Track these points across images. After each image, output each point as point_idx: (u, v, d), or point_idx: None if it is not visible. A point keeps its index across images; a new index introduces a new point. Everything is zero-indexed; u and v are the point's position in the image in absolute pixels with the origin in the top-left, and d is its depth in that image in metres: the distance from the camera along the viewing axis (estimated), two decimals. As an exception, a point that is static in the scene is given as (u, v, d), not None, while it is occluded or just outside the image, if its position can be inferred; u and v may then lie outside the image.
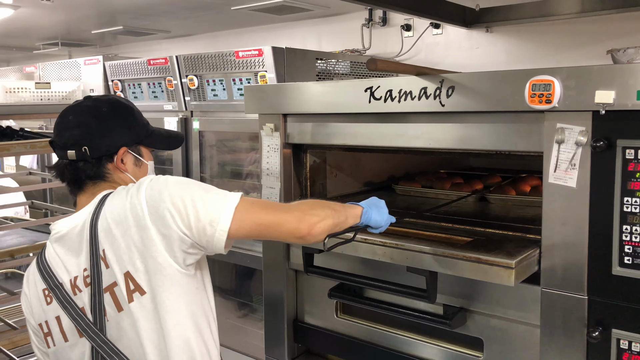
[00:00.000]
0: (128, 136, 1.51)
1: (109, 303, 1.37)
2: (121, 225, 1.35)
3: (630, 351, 1.45)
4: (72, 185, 1.49)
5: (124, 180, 1.50)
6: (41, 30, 5.43)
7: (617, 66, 1.39)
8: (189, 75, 3.64)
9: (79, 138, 1.44)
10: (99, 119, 1.47)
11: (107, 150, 1.47)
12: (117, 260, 1.36)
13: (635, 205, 1.41)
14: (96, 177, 1.48)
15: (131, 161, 1.53)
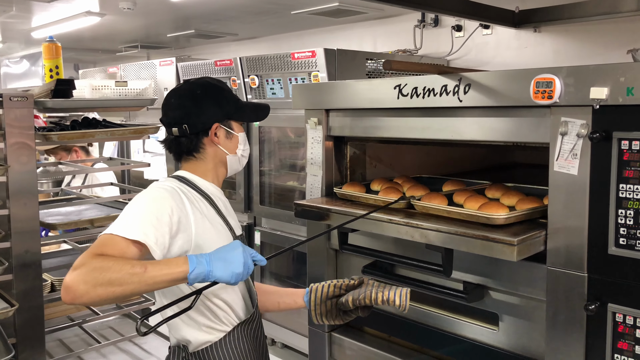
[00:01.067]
0: (219, 113, 1.75)
1: None
2: None
3: (625, 324, 1.59)
4: (176, 157, 1.80)
5: (215, 154, 1.77)
6: (123, 34, 5.97)
7: (610, 65, 1.53)
8: (250, 75, 3.97)
9: (180, 118, 1.72)
10: (194, 100, 1.73)
11: (203, 126, 1.73)
12: None
13: (629, 191, 1.56)
14: (193, 150, 1.75)
15: (223, 134, 1.76)
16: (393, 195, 2.11)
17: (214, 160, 1.78)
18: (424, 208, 1.96)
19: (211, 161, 1.77)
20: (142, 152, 5.05)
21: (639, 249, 1.54)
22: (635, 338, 1.58)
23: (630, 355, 1.58)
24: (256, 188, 4.15)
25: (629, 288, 1.58)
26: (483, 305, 1.98)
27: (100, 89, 2.10)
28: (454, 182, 2.30)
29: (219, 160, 1.79)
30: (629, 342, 1.59)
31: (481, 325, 2.01)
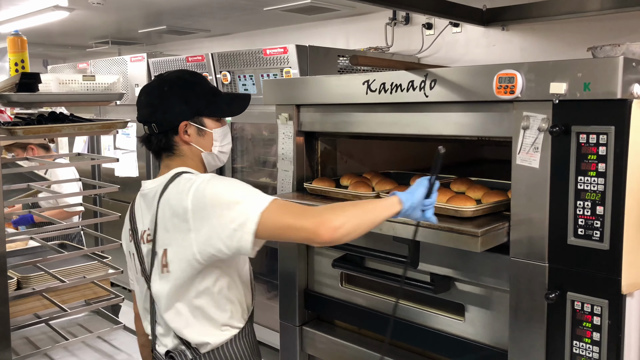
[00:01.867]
0: (187, 110, 1.66)
1: (156, 265, 1.63)
2: (171, 211, 1.56)
3: (583, 311, 1.65)
4: (154, 154, 1.74)
5: (191, 151, 1.69)
6: (93, 30, 5.88)
7: (568, 61, 1.58)
8: (222, 71, 3.96)
9: (147, 116, 1.67)
10: (160, 97, 1.66)
11: (170, 124, 1.65)
12: (162, 237, 1.60)
13: (587, 184, 1.61)
14: (167, 149, 1.68)
15: (194, 132, 1.67)
16: (362, 189, 2.14)
17: (193, 156, 1.71)
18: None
19: (191, 157, 1.71)
20: (113, 148, 4.99)
21: (595, 239, 1.60)
22: (593, 325, 1.64)
23: (588, 342, 1.64)
24: (229, 184, 4.14)
25: (587, 277, 1.64)
26: (449, 296, 2.02)
27: (67, 83, 2.08)
28: (421, 176, 2.34)
29: (197, 157, 1.72)
30: (587, 329, 1.64)
31: (448, 316, 2.06)
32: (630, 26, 3.19)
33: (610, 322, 1.61)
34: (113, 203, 4.92)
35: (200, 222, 1.50)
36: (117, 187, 2.30)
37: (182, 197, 1.54)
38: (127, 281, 5.17)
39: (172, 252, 1.57)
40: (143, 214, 1.69)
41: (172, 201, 1.57)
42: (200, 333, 1.64)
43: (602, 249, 1.60)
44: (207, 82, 1.76)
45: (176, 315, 1.63)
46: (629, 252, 1.58)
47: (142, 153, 4.76)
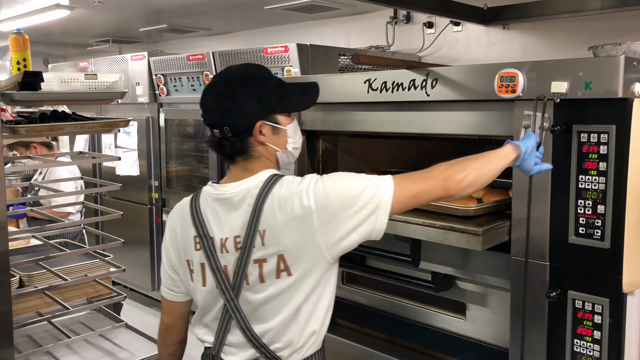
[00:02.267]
0: (261, 109, 1.54)
1: (252, 273, 1.50)
2: (286, 215, 1.45)
3: (584, 310, 1.66)
4: (226, 159, 1.59)
5: (267, 151, 1.57)
6: (94, 28, 5.89)
7: (569, 60, 1.59)
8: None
9: (219, 119, 1.53)
10: (232, 99, 1.52)
11: (245, 126, 1.52)
12: (275, 243, 1.47)
13: (588, 182, 1.62)
14: (243, 152, 1.54)
15: (269, 131, 1.55)
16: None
17: (269, 157, 1.59)
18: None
19: (268, 158, 1.59)
20: (114, 147, 5.00)
21: (596, 238, 1.61)
22: (594, 324, 1.64)
23: (589, 341, 1.65)
24: (229, 183, 4.15)
25: (588, 275, 1.64)
26: (451, 295, 2.03)
27: (69, 81, 2.08)
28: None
29: (273, 157, 1.60)
30: (588, 327, 1.65)
31: (449, 315, 2.06)
32: (632, 25, 3.20)
33: (611, 320, 1.61)
34: (114, 202, 4.93)
35: (327, 220, 1.43)
36: (118, 185, 2.30)
37: (300, 198, 1.44)
38: (130, 280, 5.13)
39: (293, 256, 1.47)
40: (222, 220, 1.55)
41: (287, 204, 1.46)
42: (292, 342, 1.53)
43: (603, 248, 1.60)
44: (273, 76, 1.63)
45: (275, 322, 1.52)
46: (629, 250, 1.59)
47: (142, 152, 4.77)
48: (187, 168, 4.66)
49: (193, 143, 4.59)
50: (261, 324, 1.52)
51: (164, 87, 4.56)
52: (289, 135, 1.60)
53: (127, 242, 2.43)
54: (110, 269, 2.47)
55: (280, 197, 1.47)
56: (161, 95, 4.61)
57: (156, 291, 4.88)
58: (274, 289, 1.49)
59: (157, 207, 4.80)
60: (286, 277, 1.48)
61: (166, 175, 4.71)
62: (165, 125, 4.65)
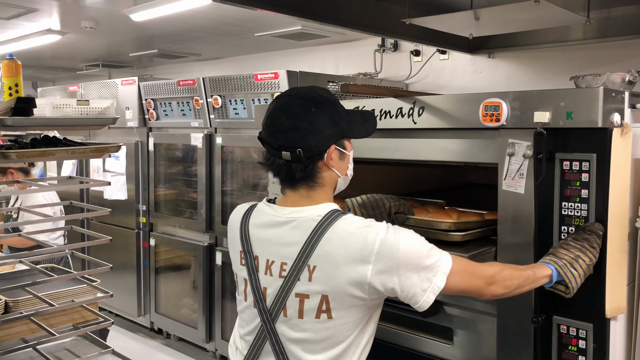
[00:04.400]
0: (335, 133, 1.51)
1: (292, 306, 1.47)
2: (343, 255, 1.41)
3: (568, 334, 1.68)
4: (286, 182, 1.54)
5: (330, 177, 1.53)
6: (84, 53, 5.92)
7: (551, 90, 1.64)
8: (213, 95, 4.00)
9: (294, 141, 1.47)
10: (310, 121, 1.48)
11: (319, 149, 1.49)
12: (323, 282, 1.43)
13: (570, 209, 1.66)
14: (308, 177, 1.50)
15: (337, 156, 1.53)
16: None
17: (331, 183, 1.56)
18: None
19: (330, 186, 1.55)
20: (103, 171, 4.99)
21: (580, 264, 1.63)
22: (579, 349, 1.67)
23: (575, 365, 1.67)
24: (218, 208, 4.15)
25: (572, 301, 1.66)
26: (438, 320, 2.04)
27: (61, 107, 2.10)
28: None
29: (333, 184, 1.57)
30: (573, 352, 1.67)
31: (436, 340, 2.07)
32: (612, 55, 3.29)
33: (595, 345, 1.64)
34: (101, 226, 4.90)
35: (381, 273, 1.40)
36: (107, 210, 2.31)
37: (364, 244, 1.41)
38: (116, 306, 5.10)
39: (337, 300, 1.44)
40: (271, 242, 1.53)
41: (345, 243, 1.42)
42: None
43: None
44: (338, 100, 1.62)
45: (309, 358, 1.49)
46: (612, 276, 1.62)
47: (131, 176, 4.76)
48: (175, 192, 4.66)
49: (182, 167, 4.60)
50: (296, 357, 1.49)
51: (153, 111, 4.58)
52: (349, 162, 1.60)
53: (114, 267, 2.42)
54: (98, 294, 2.45)
55: (341, 238, 1.43)
56: (151, 119, 4.63)
57: (142, 317, 4.83)
58: (312, 331, 1.46)
59: (144, 232, 4.78)
60: (326, 320, 1.45)
61: (154, 200, 4.70)
62: (154, 149, 4.66)
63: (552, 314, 1.70)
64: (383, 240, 1.40)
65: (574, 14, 2.50)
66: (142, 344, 4.54)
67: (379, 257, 1.39)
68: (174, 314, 4.57)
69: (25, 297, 2.27)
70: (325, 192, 1.53)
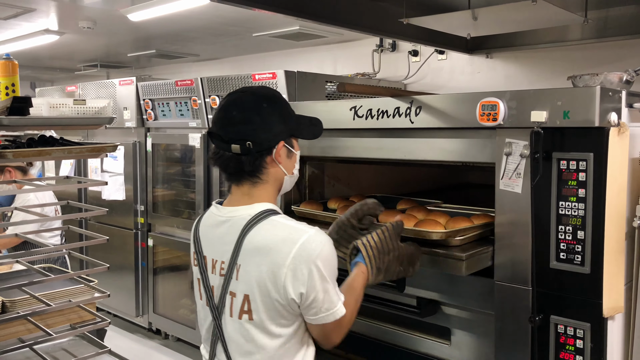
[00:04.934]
0: (285, 131, 1.57)
1: (228, 304, 1.53)
2: (261, 257, 1.45)
3: (566, 334, 1.68)
4: (233, 177, 1.58)
5: (276, 175, 1.58)
6: (82, 53, 5.91)
7: (548, 90, 1.64)
8: (211, 95, 4.00)
9: (244, 134, 1.51)
10: (261, 115, 1.53)
11: (269, 144, 1.54)
12: (245, 281, 1.48)
13: (568, 208, 1.66)
14: (256, 171, 1.55)
15: (285, 153, 1.58)
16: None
17: (275, 182, 1.60)
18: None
19: (273, 183, 1.60)
20: (100, 171, 4.98)
21: (577, 263, 1.64)
22: (576, 348, 1.67)
23: (572, 365, 1.67)
24: (216, 208, 4.14)
25: (569, 300, 1.67)
26: (436, 320, 2.04)
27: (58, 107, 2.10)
28: (407, 201, 2.38)
29: (278, 182, 1.61)
30: (570, 352, 1.67)
31: (434, 340, 2.07)
32: (609, 55, 3.29)
33: (593, 345, 1.63)
34: (99, 226, 4.89)
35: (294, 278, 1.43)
36: (105, 210, 2.30)
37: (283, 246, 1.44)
38: (113, 306, 5.07)
39: (258, 301, 1.47)
40: (215, 241, 1.57)
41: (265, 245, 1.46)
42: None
43: (584, 273, 1.63)
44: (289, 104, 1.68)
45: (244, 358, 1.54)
46: (609, 275, 1.62)
47: (129, 176, 4.76)
48: (173, 193, 4.65)
49: (180, 167, 4.59)
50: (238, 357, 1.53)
51: (151, 111, 4.58)
52: (296, 161, 1.65)
53: (111, 267, 2.41)
54: (95, 294, 2.45)
55: (264, 238, 1.47)
56: (149, 120, 4.62)
57: (140, 317, 4.82)
58: (239, 331, 1.51)
59: (142, 232, 4.77)
60: (247, 321, 1.49)
61: (152, 200, 4.70)
62: (152, 149, 4.65)
63: (550, 313, 1.70)
64: (302, 244, 1.43)
65: (572, 14, 2.50)
66: (140, 344, 4.53)
67: (295, 260, 1.42)
68: (172, 315, 4.56)
69: (22, 297, 2.27)
70: (267, 191, 1.58)
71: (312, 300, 1.44)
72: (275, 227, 1.48)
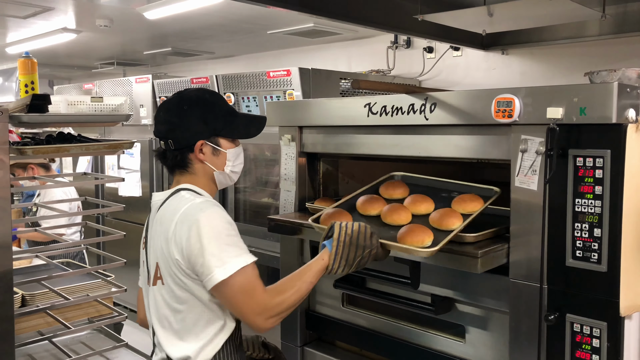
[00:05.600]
0: (205, 130, 1.72)
1: (151, 275, 1.73)
2: (163, 227, 1.66)
3: (582, 333, 1.67)
4: (168, 169, 1.80)
5: (204, 169, 1.75)
6: (99, 51, 5.98)
7: (565, 86, 1.62)
8: (226, 92, 4.02)
9: (165, 132, 1.73)
10: (180, 116, 1.71)
11: (187, 142, 1.71)
12: (154, 249, 1.70)
13: (584, 206, 1.64)
14: (181, 165, 1.74)
15: (210, 151, 1.73)
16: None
17: (205, 176, 1.77)
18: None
19: (203, 176, 1.77)
20: (117, 168, 5.04)
21: (593, 261, 1.62)
22: (593, 347, 1.65)
23: (588, 364, 1.65)
24: (231, 205, 4.17)
25: (585, 298, 1.65)
26: (450, 317, 2.04)
27: (75, 104, 2.13)
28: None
29: (208, 176, 1.78)
30: (587, 351, 1.66)
31: (448, 337, 2.07)
32: (628, 51, 3.25)
33: (609, 344, 1.62)
34: (116, 222, 4.95)
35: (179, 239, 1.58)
36: (122, 206, 2.33)
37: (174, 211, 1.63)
38: (129, 300, 5.13)
39: (162, 267, 1.65)
40: (152, 224, 1.77)
41: (166, 217, 1.65)
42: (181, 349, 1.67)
43: (600, 271, 1.62)
44: (225, 103, 1.82)
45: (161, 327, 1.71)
46: (626, 274, 1.60)
47: (145, 173, 4.80)
48: (189, 189, 4.69)
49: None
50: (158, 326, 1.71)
51: (167, 109, 4.61)
52: (228, 159, 1.77)
53: (128, 262, 2.44)
54: (112, 289, 2.48)
55: (167, 211, 1.67)
56: (164, 117, 4.66)
57: (156, 312, 4.87)
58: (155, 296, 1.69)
59: (158, 228, 4.81)
60: (161, 285, 1.66)
61: (168, 196, 4.74)
62: (168, 146, 4.69)
63: (566, 312, 1.69)
64: (187, 208, 1.60)
65: (589, 9, 2.48)
66: (156, 339, 4.57)
67: (178, 223, 1.59)
68: (188, 310, 4.60)
69: (41, 291, 2.31)
70: (195, 182, 1.75)
71: (194, 263, 1.57)
72: (178, 200, 1.67)
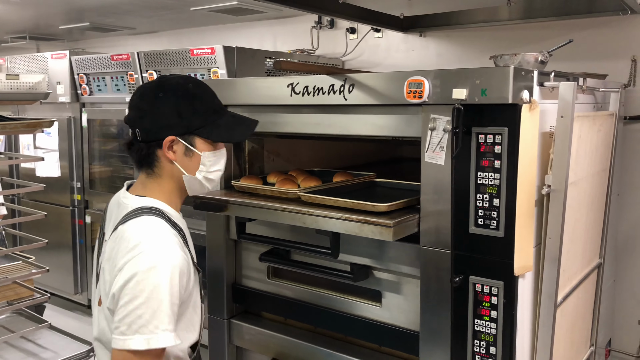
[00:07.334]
0: (178, 124, 1.45)
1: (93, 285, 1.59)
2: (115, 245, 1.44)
3: (482, 292, 1.86)
4: (135, 165, 1.54)
5: (172, 171, 1.49)
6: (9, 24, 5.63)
7: (468, 69, 1.78)
8: (148, 70, 3.96)
9: (133, 120, 1.46)
10: (151, 103, 1.45)
11: (155, 135, 1.44)
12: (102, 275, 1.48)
13: (485, 178, 1.82)
14: (147, 162, 1.48)
15: (181, 150, 1.47)
16: (288, 186, 2.26)
17: (172, 179, 1.51)
18: (311, 198, 2.10)
19: (169, 180, 1.51)
20: (33, 147, 4.83)
21: (493, 228, 1.81)
22: (491, 304, 1.85)
23: (487, 320, 1.85)
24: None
25: (486, 261, 1.84)
26: (367, 284, 2.19)
27: (-11, 81, 2.06)
28: (342, 174, 2.50)
29: (175, 180, 1.52)
30: (486, 308, 1.85)
31: (366, 303, 2.22)
32: (535, 36, 3.50)
33: (506, 301, 1.82)
34: (33, 204, 4.77)
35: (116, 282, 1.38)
36: (42, 186, 2.29)
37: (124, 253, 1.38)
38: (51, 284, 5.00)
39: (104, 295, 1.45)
40: (110, 222, 1.54)
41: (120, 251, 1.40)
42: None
43: (498, 236, 1.80)
44: (212, 99, 1.55)
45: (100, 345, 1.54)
46: (520, 238, 1.80)
47: (64, 153, 4.65)
48: (110, 169, 4.59)
49: (117, 144, 4.53)
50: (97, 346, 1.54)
51: (86, 86, 4.47)
52: (202, 163, 1.51)
53: (48, 245, 2.41)
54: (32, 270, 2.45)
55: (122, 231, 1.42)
56: (83, 95, 4.52)
57: (79, 294, 4.77)
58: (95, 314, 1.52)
59: (79, 209, 4.69)
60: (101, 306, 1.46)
61: (89, 177, 4.62)
62: (87, 125, 4.56)
63: (469, 274, 1.87)
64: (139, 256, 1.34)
65: (496, -4, 2.66)
66: (80, 321, 4.50)
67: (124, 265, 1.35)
68: (113, 291, 4.55)
69: (-44, 275, 2.25)
70: (160, 186, 1.50)
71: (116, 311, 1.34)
72: (136, 229, 1.41)
